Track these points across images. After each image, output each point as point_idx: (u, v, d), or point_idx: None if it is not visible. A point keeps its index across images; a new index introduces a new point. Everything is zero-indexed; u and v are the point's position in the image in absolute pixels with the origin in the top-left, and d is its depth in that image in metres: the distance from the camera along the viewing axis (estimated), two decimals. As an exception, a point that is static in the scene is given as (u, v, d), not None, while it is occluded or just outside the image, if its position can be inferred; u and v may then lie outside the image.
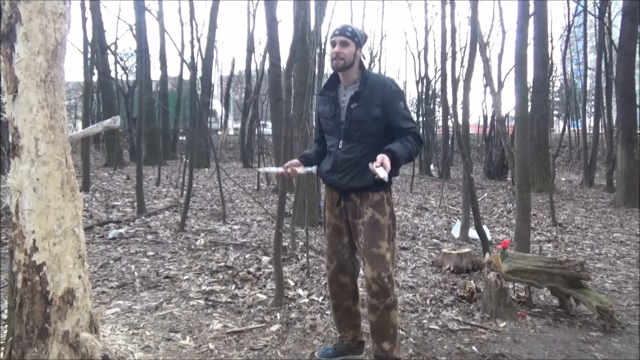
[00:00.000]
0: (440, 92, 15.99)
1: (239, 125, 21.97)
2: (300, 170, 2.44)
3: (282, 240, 3.78)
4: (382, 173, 2.07)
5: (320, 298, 3.55)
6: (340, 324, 2.62)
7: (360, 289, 2.67)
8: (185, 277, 4.03)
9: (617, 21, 12.87)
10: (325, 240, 2.57)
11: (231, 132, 27.05)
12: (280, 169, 2.49)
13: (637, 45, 10.08)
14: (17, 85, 1.87)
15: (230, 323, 3.06)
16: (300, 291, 3.70)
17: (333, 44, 2.38)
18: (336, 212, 2.48)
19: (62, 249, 1.94)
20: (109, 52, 16.21)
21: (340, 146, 2.40)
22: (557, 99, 32.89)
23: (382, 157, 2.14)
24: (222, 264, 4.41)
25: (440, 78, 14.87)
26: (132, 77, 19.48)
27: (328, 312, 3.29)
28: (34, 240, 1.90)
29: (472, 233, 5.65)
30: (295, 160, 2.49)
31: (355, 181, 2.35)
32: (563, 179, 14.54)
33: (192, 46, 7.51)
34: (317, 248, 5.08)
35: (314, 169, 2.50)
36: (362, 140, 2.36)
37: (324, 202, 2.61)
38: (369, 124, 2.34)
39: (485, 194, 10.35)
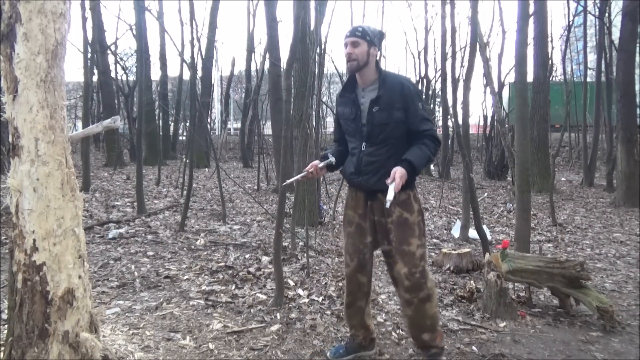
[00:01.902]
0: (440, 92, 16.01)
1: (239, 125, 21.96)
2: (321, 165, 2.50)
3: (282, 240, 3.78)
4: (391, 195, 2.13)
5: (320, 298, 3.55)
6: (351, 322, 2.64)
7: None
8: (185, 277, 4.03)
9: (617, 21, 12.87)
10: (346, 239, 2.57)
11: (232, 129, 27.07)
12: (304, 173, 2.53)
13: (637, 45, 10.08)
14: (17, 85, 1.87)
15: (230, 323, 3.06)
16: (300, 291, 3.70)
17: (345, 46, 2.38)
18: (360, 212, 2.49)
19: (62, 249, 1.94)
20: (109, 52, 16.21)
21: (363, 148, 2.42)
22: (557, 99, 32.85)
23: (395, 172, 2.20)
24: (222, 264, 4.41)
25: (440, 78, 14.88)
26: (132, 77, 19.49)
27: (328, 312, 3.29)
28: (34, 240, 1.90)
29: (472, 233, 5.65)
30: (315, 161, 2.54)
31: (382, 183, 2.32)
32: (563, 179, 14.53)
33: (192, 46, 7.50)
34: (317, 248, 5.08)
35: (332, 158, 2.53)
36: (386, 143, 2.38)
37: (347, 201, 2.61)
38: (392, 127, 2.36)
39: (485, 194, 10.35)
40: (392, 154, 2.37)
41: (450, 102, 5.56)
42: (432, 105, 20.21)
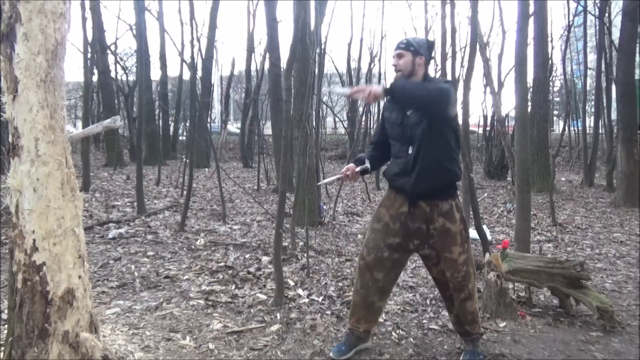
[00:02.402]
0: (440, 92, 15.96)
1: (239, 125, 21.96)
2: (358, 169, 2.60)
3: (282, 240, 3.78)
4: (337, 89, 2.28)
5: (320, 298, 3.55)
6: (357, 314, 2.66)
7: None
8: (185, 277, 4.03)
9: (617, 21, 12.86)
10: (369, 233, 2.63)
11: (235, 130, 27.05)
12: (340, 175, 2.63)
13: (637, 45, 10.07)
14: (17, 85, 1.87)
15: (230, 323, 3.06)
16: (300, 291, 3.70)
17: (393, 59, 2.53)
18: (392, 213, 2.55)
19: (62, 249, 1.94)
20: (109, 52, 16.20)
21: (409, 152, 2.48)
22: (557, 99, 32.89)
23: (364, 86, 2.31)
24: (222, 264, 4.41)
25: (440, 78, 14.83)
26: (132, 77, 19.48)
27: (328, 312, 3.30)
28: (34, 240, 1.90)
29: (472, 233, 5.64)
30: (351, 165, 2.64)
31: (424, 184, 2.43)
32: (563, 179, 14.53)
33: (192, 46, 7.50)
34: (317, 248, 5.08)
35: (367, 164, 2.61)
36: (429, 145, 2.42)
37: (383, 200, 2.65)
38: (425, 126, 2.40)
39: (485, 194, 10.35)
40: (435, 158, 2.42)
41: (450, 102, 5.54)
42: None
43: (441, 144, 2.43)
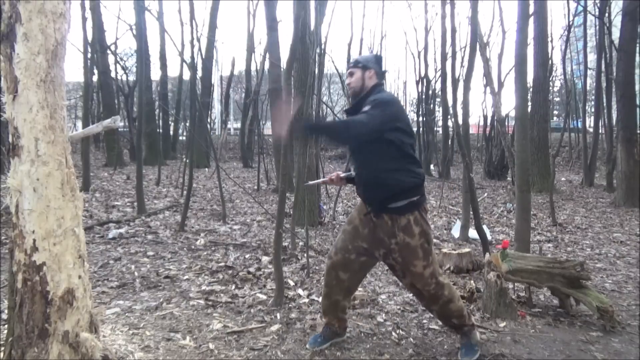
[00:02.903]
0: (440, 92, 16.00)
1: (239, 125, 21.96)
2: (342, 175, 2.74)
3: (282, 240, 3.78)
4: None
5: (320, 298, 3.54)
6: (327, 312, 2.77)
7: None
8: (185, 277, 4.03)
9: (617, 21, 12.86)
10: (340, 234, 2.71)
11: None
12: (326, 179, 2.79)
13: (637, 45, 10.07)
14: (17, 85, 1.87)
15: (230, 323, 3.06)
16: (300, 291, 3.70)
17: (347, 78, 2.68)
18: (362, 217, 2.59)
19: (62, 249, 1.94)
20: (109, 52, 16.20)
21: (357, 165, 2.63)
22: (557, 99, 32.89)
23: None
24: (222, 264, 4.41)
25: (440, 78, 14.88)
26: (132, 77, 19.49)
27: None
28: (34, 240, 1.90)
29: (472, 233, 5.65)
30: (339, 171, 2.83)
31: (370, 195, 2.54)
32: (563, 179, 14.53)
33: (192, 46, 7.50)
34: (317, 248, 5.08)
35: (352, 172, 2.73)
36: (365, 160, 2.53)
37: (359, 203, 2.75)
38: (357, 144, 2.52)
39: (485, 194, 10.35)
40: (372, 171, 2.49)
41: (450, 102, 5.56)
42: (432, 105, 20.20)
43: (377, 157, 2.46)
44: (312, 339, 2.77)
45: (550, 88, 23.07)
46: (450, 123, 11.91)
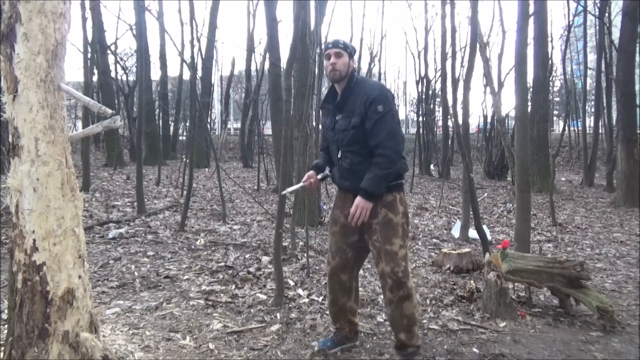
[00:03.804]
0: (440, 92, 15.99)
1: (239, 125, 21.96)
2: (319, 177, 2.67)
3: (282, 240, 3.78)
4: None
5: (320, 298, 3.55)
6: (336, 317, 2.72)
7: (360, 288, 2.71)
8: (185, 277, 4.03)
9: (617, 21, 12.86)
10: (330, 237, 2.67)
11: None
12: (303, 183, 2.67)
13: (637, 45, 10.07)
14: (17, 85, 1.87)
15: (230, 323, 3.06)
16: (300, 291, 3.70)
17: (327, 57, 2.50)
18: (346, 212, 2.53)
19: (62, 249, 1.94)
20: (109, 52, 16.20)
21: (339, 156, 2.56)
22: (557, 99, 32.89)
23: (355, 206, 2.40)
24: (222, 264, 4.41)
25: (440, 78, 14.86)
26: (132, 77, 19.48)
27: (328, 312, 3.29)
28: (34, 240, 1.90)
29: (472, 233, 5.65)
30: (311, 172, 2.68)
31: (357, 183, 2.46)
32: (563, 179, 14.53)
33: (192, 46, 7.50)
34: (317, 248, 5.08)
35: (327, 171, 2.68)
36: (351, 150, 2.49)
37: (335, 202, 2.72)
38: (352, 133, 2.45)
39: (485, 194, 10.35)
40: (358, 160, 2.47)
41: (450, 102, 5.56)
42: (432, 105, 20.20)
43: (361, 149, 2.45)
44: (322, 341, 2.74)
45: (550, 88, 23.07)
46: (450, 123, 11.91)
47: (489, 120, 16.98)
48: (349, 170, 2.52)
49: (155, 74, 18.38)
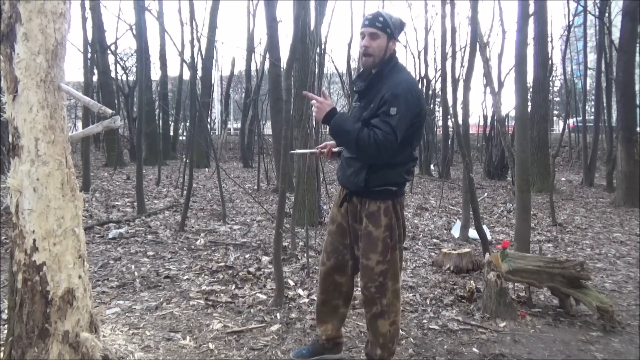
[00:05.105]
0: (440, 92, 15.99)
1: (239, 125, 21.95)
2: (335, 149, 2.40)
3: (282, 240, 3.78)
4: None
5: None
6: (324, 320, 2.53)
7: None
8: (185, 277, 4.03)
9: (617, 21, 12.86)
10: (326, 237, 2.49)
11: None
12: (315, 150, 2.45)
13: (637, 45, 10.07)
14: (17, 85, 1.87)
15: (230, 323, 3.06)
16: (300, 291, 3.70)
17: (362, 36, 2.14)
18: (342, 211, 2.40)
19: (62, 249, 1.94)
20: (109, 52, 16.20)
21: (342, 149, 2.37)
22: (557, 99, 32.89)
23: (316, 101, 2.13)
24: (222, 264, 4.41)
25: (440, 78, 14.87)
26: (132, 77, 19.48)
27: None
28: (34, 240, 1.90)
29: (472, 233, 5.65)
30: (332, 142, 2.42)
31: (349, 180, 2.29)
32: (563, 179, 14.53)
33: (192, 46, 7.50)
34: (317, 248, 5.08)
35: (342, 148, 2.40)
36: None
37: (335, 198, 2.54)
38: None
39: (485, 194, 10.35)
40: (362, 162, 2.22)
41: (450, 102, 5.56)
42: (432, 105, 20.20)
43: None
44: (297, 350, 2.60)
45: (550, 88, 23.07)
46: (450, 123, 11.92)
47: (488, 121, 16.98)
48: (345, 161, 2.32)
49: (155, 74, 18.39)
